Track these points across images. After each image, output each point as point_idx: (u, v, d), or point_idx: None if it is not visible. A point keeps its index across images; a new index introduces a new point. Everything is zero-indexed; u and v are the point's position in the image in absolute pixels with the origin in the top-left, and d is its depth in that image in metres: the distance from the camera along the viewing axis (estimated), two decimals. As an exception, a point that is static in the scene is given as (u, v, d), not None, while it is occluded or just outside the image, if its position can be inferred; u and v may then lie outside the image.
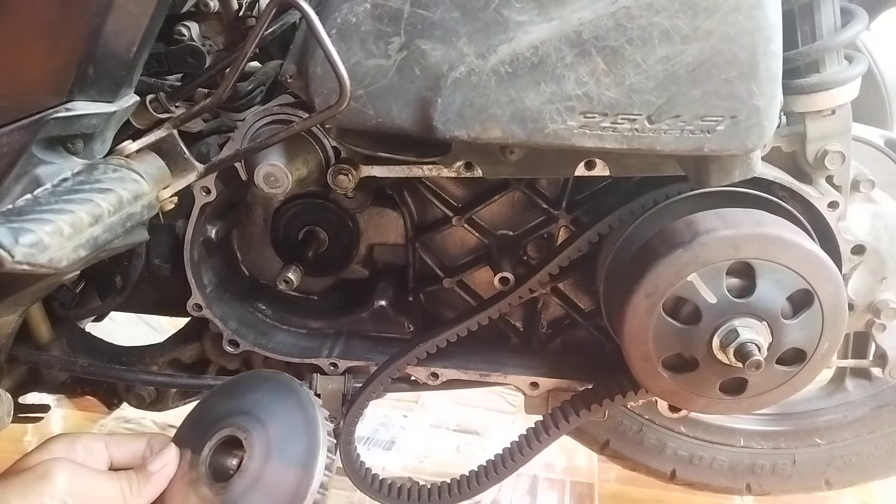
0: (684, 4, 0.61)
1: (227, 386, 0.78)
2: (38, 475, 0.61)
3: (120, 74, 0.63)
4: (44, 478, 0.61)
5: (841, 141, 0.80)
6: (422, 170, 0.78)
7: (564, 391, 0.92)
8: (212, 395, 0.78)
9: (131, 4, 0.60)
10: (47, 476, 0.61)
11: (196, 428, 0.73)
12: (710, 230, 0.73)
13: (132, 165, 0.64)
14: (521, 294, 0.88)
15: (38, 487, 0.60)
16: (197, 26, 0.89)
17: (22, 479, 0.60)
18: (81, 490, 0.62)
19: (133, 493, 0.66)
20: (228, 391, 0.77)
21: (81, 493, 0.62)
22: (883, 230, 0.87)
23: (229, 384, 0.78)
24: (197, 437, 0.72)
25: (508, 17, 0.63)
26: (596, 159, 0.75)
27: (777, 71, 0.64)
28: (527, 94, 0.64)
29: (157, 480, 0.68)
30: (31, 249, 0.50)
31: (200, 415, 0.76)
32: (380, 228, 0.97)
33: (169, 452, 0.70)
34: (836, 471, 1.09)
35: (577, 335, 0.98)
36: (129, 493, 0.66)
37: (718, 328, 0.74)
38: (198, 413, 0.76)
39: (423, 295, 0.98)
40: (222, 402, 0.75)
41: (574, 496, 1.38)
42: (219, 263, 0.93)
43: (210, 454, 0.70)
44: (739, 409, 0.82)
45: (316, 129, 0.78)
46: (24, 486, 0.60)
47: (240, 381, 0.78)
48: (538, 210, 0.93)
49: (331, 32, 0.63)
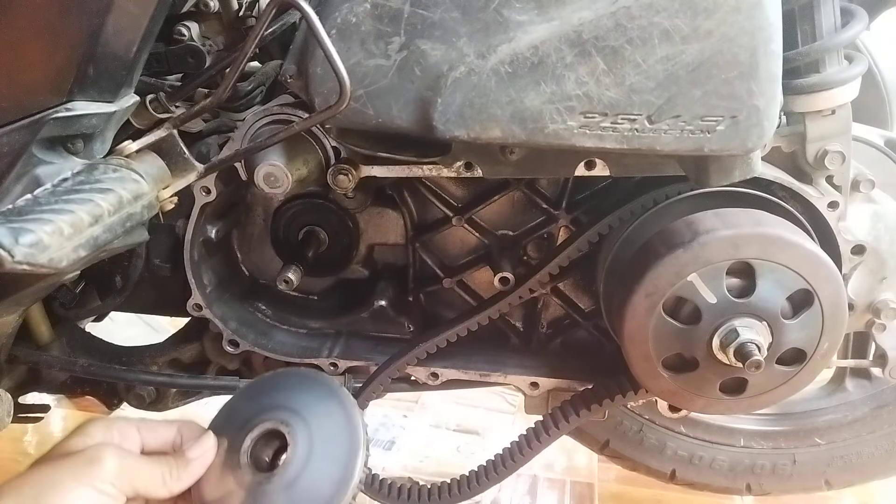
0: (684, 4, 0.61)
1: (265, 381, 0.79)
2: (88, 459, 0.63)
3: (120, 74, 0.63)
4: (95, 462, 0.62)
5: (841, 141, 0.80)
6: (422, 170, 0.78)
7: (564, 391, 0.92)
8: (248, 389, 0.79)
9: (131, 4, 0.60)
10: (99, 460, 0.63)
11: (233, 419, 0.74)
12: (710, 230, 0.73)
13: (132, 165, 0.64)
14: (521, 294, 0.88)
15: (90, 470, 0.62)
16: (197, 26, 0.89)
17: (74, 462, 0.63)
18: (128, 474, 0.64)
19: (173, 478, 0.68)
20: (267, 386, 0.78)
21: (128, 478, 0.64)
22: (883, 230, 0.87)
23: (267, 380, 0.79)
24: (234, 428, 0.73)
25: (508, 17, 0.63)
26: (596, 159, 0.76)
27: (777, 71, 0.64)
28: (527, 94, 0.64)
29: (195, 467, 0.70)
30: (31, 249, 0.50)
31: (237, 407, 0.77)
32: (380, 228, 0.97)
33: (208, 440, 0.72)
34: (836, 471, 1.09)
35: (577, 335, 0.98)
36: (169, 478, 0.68)
37: (718, 328, 0.74)
38: (234, 405, 0.77)
39: (423, 295, 0.98)
40: (261, 396, 0.76)
41: (574, 496, 1.38)
42: (219, 263, 0.93)
43: (252, 445, 0.71)
44: (739, 409, 0.82)
45: (316, 129, 0.78)
46: (77, 469, 0.62)
47: (278, 378, 0.79)
48: (538, 210, 0.93)
49: (331, 32, 0.63)
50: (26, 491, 0.59)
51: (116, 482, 0.63)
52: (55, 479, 0.61)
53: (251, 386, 0.79)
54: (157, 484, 0.67)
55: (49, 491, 0.60)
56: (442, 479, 0.91)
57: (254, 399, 0.76)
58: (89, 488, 0.61)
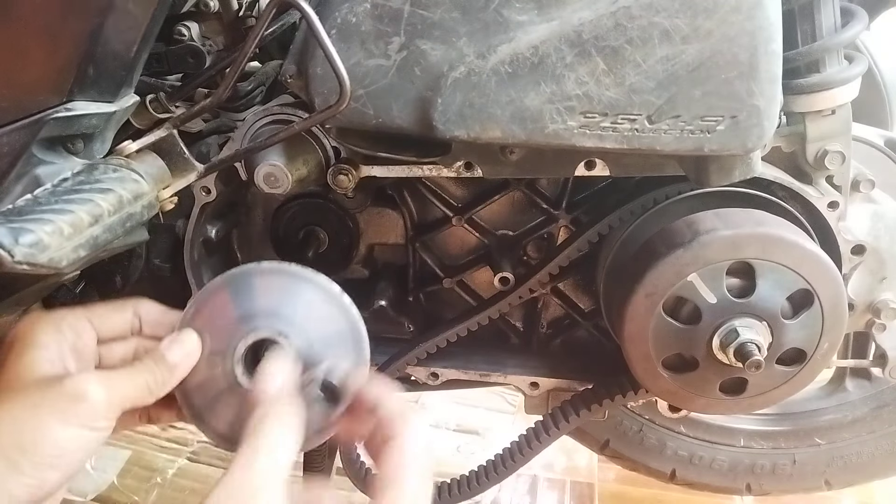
0: (684, 4, 0.61)
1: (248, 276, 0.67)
2: (73, 396, 0.54)
3: (120, 74, 0.63)
4: (80, 399, 0.54)
5: (841, 141, 0.80)
6: (422, 170, 0.78)
7: (564, 391, 0.92)
8: (229, 283, 0.67)
9: (131, 4, 0.60)
10: (84, 397, 0.54)
11: (213, 317, 0.65)
12: (710, 230, 0.73)
13: (132, 165, 0.64)
14: (521, 294, 0.88)
15: (77, 409, 0.54)
16: (197, 26, 0.89)
17: (54, 400, 0.54)
18: (116, 400, 0.56)
19: (157, 384, 0.59)
20: (252, 284, 0.67)
21: (117, 402, 0.55)
22: (883, 230, 0.87)
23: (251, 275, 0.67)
24: (216, 327, 0.65)
25: (508, 17, 0.63)
26: (596, 159, 0.76)
27: (777, 71, 0.64)
28: (527, 94, 0.64)
29: (179, 371, 0.61)
30: (31, 249, 0.50)
31: (215, 303, 0.66)
32: (380, 228, 0.97)
33: (189, 341, 0.63)
34: (836, 471, 1.09)
35: (577, 335, 0.98)
36: (155, 387, 0.59)
37: (718, 328, 0.74)
38: (211, 300, 0.66)
39: (423, 295, 0.98)
40: (246, 295, 0.66)
41: (574, 496, 1.39)
42: (219, 263, 0.93)
43: (244, 352, 0.63)
44: (739, 409, 0.82)
45: (316, 129, 0.78)
46: (61, 408, 0.53)
47: (265, 275, 0.67)
48: (538, 210, 0.93)
49: (331, 32, 0.64)
50: (3, 439, 0.51)
51: (108, 414, 0.55)
52: (37, 420, 0.53)
53: (232, 281, 0.67)
54: (144, 396, 0.59)
55: (33, 436, 0.52)
56: (442, 478, 0.91)
57: (238, 298, 0.66)
58: (80, 428, 0.53)
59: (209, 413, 0.64)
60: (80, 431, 0.53)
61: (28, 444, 0.51)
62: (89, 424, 0.54)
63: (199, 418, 0.64)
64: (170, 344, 0.62)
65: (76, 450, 0.53)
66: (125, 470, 1.42)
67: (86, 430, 0.54)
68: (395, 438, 0.55)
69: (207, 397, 0.64)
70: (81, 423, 0.53)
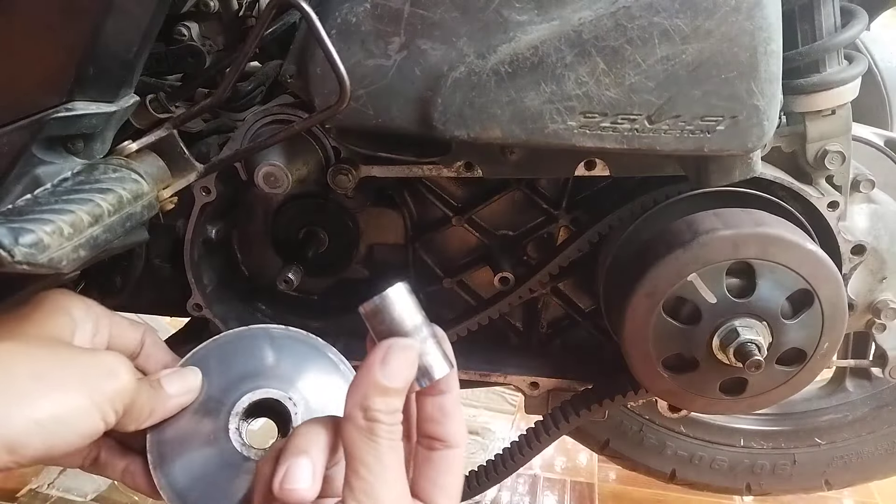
0: (684, 4, 0.61)
1: (259, 336, 0.67)
2: (106, 370, 0.52)
3: (120, 74, 0.63)
4: (112, 377, 0.52)
5: (841, 141, 0.80)
6: (422, 170, 0.78)
7: (564, 391, 0.92)
8: (239, 339, 0.66)
9: (131, 4, 0.60)
10: (117, 376, 0.52)
11: (216, 366, 0.63)
12: (710, 230, 0.73)
13: (132, 165, 0.64)
14: (521, 294, 0.88)
15: (104, 385, 0.51)
16: (197, 26, 0.89)
17: (86, 368, 0.52)
18: (130, 400, 0.54)
19: (146, 412, 0.57)
20: (261, 344, 0.66)
21: (128, 404, 0.54)
22: (883, 230, 0.87)
23: (262, 336, 0.67)
24: (217, 377, 0.62)
25: (508, 17, 0.63)
26: (596, 159, 0.75)
27: (777, 71, 0.64)
28: (527, 94, 0.64)
29: (172, 406, 0.59)
30: (31, 249, 0.50)
31: (222, 354, 0.65)
32: (380, 228, 0.97)
33: (193, 378, 0.60)
34: (836, 471, 1.09)
35: (577, 335, 0.98)
36: (143, 416, 0.56)
37: (718, 328, 0.74)
38: (219, 351, 0.65)
39: (423, 295, 0.98)
40: (254, 353, 0.65)
41: (574, 496, 1.39)
42: (219, 263, 0.93)
43: (243, 410, 0.61)
44: (739, 409, 0.83)
45: (316, 129, 0.78)
46: (89, 378, 0.51)
47: (276, 338, 0.67)
48: (538, 210, 0.93)
49: (331, 32, 0.63)
50: (17, 382, 0.48)
51: (123, 406, 0.53)
52: (60, 378, 0.50)
53: (241, 337, 0.67)
54: (136, 418, 0.56)
55: (48, 391, 0.49)
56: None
57: (240, 356, 0.64)
58: (94, 405, 0.51)
59: (174, 466, 0.59)
60: (92, 410, 0.51)
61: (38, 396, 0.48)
62: (104, 406, 0.51)
63: (163, 472, 0.59)
64: (171, 375, 0.60)
65: (73, 428, 0.50)
66: (125, 470, 1.42)
67: (97, 411, 0.51)
68: (458, 448, 0.53)
69: (182, 448, 0.59)
70: (98, 400, 0.51)
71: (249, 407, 0.61)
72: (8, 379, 0.48)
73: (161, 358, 0.65)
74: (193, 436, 0.60)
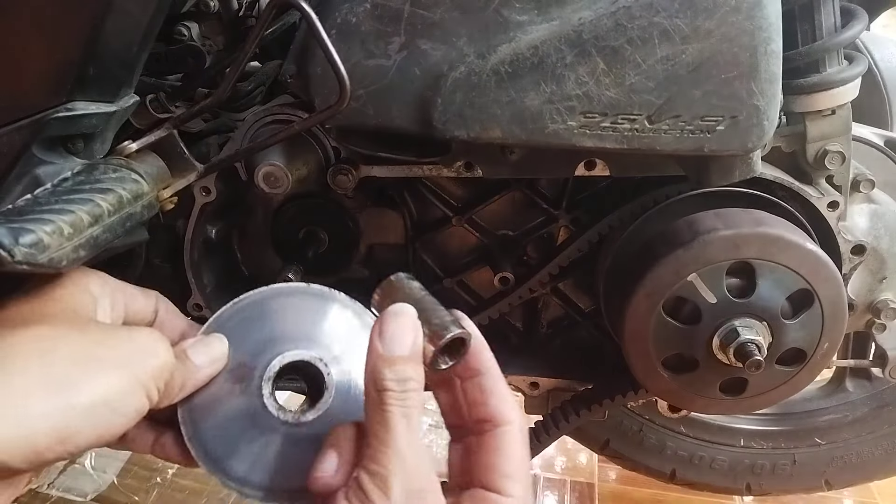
0: (684, 4, 0.61)
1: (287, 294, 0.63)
2: (143, 349, 0.51)
3: (120, 74, 0.63)
4: (151, 355, 0.51)
5: (841, 141, 0.80)
6: (422, 170, 0.78)
7: (564, 391, 0.92)
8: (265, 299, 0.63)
9: (131, 4, 0.60)
10: (154, 352, 0.51)
11: (242, 329, 0.61)
12: (710, 230, 0.73)
13: (132, 165, 0.64)
14: (521, 294, 0.88)
15: (144, 364, 0.50)
16: (197, 26, 0.89)
17: (122, 346, 0.50)
18: (169, 376, 0.52)
19: (176, 386, 0.54)
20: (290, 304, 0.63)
21: (165, 375, 0.52)
22: (883, 230, 0.87)
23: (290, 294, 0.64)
24: (244, 340, 0.60)
25: (508, 17, 0.63)
26: (596, 159, 0.75)
27: (777, 71, 0.64)
28: (527, 94, 0.64)
29: (201, 376, 0.56)
30: (31, 249, 0.50)
31: (247, 316, 0.62)
32: (380, 228, 0.97)
33: (219, 346, 0.58)
34: (836, 471, 1.09)
35: (577, 335, 0.98)
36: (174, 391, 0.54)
37: (718, 328, 0.74)
38: (243, 313, 0.62)
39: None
40: (282, 314, 0.62)
41: (574, 496, 1.39)
42: (219, 263, 0.93)
43: (277, 371, 0.58)
44: (739, 409, 0.83)
45: (316, 129, 0.78)
46: (127, 356, 0.49)
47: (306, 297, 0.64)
48: (538, 210, 0.93)
49: (331, 32, 0.63)
50: (58, 367, 0.46)
51: (164, 383, 0.51)
52: (99, 361, 0.48)
53: (257, 300, 0.63)
54: (172, 393, 0.54)
55: (91, 375, 0.47)
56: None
57: (265, 318, 0.62)
58: (139, 384, 0.49)
59: (209, 435, 0.58)
60: (137, 390, 0.49)
61: (83, 382, 0.46)
62: (146, 384, 0.49)
63: (200, 442, 0.58)
64: (196, 345, 0.57)
65: (121, 411, 0.48)
66: (125, 470, 1.42)
67: (141, 390, 0.49)
68: (511, 424, 0.51)
69: (215, 416, 0.58)
70: (144, 381, 0.49)
71: (280, 370, 0.58)
72: (48, 366, 0.46)
73: (177, 324, 0.63)
74: (226, 404, 0.58)
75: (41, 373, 0.45)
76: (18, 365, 0.45)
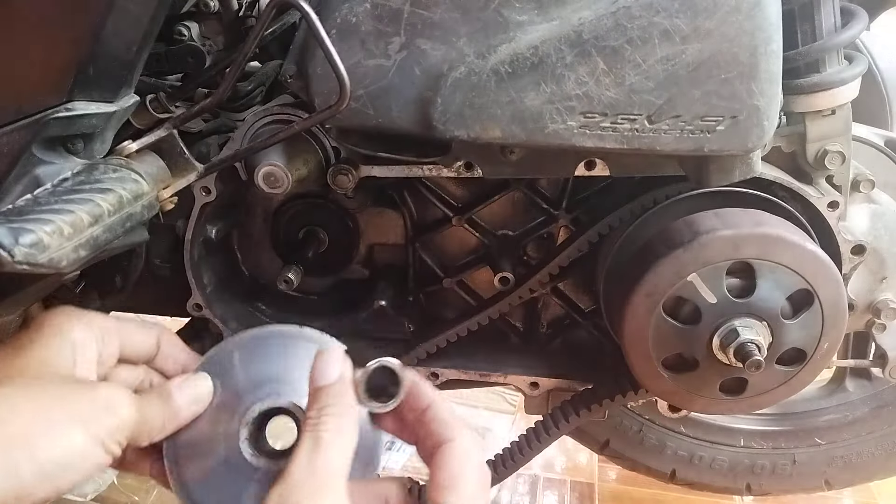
0: (684, 4, 0.61)
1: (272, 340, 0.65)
2: (104, 405, 0.51)
3: (120, 74, 0.63)
4: (111, 412, 0.51)
5: (841, 141, 0.80)
6: (422, 170, 0.78)
7: (564, 391, 0.92)
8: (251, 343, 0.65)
9: (131, 4, 0.60)
10: (115, 410, 0.51)
11: (227, 373, 0.62)
12: (710, 230, 0.73)
13: (132, 165, 0.64)
14: (521, 294, 0.88)
15: (103, 421, 0.50)
16: (197, 26, 0.89)
17: (81, 404, 0.51)
18: (135, 426, 0.53)
19: (157, 427, 0.56)
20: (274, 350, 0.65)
21: (133, 429, 0.53)
22: (883, 230, 0.87)
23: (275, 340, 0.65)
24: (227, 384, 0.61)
25: (508, 17, 0.63)
26: (596, 159, 0.75)
27: (777, 71, 0.64)
28: (527, 94, 0.64)
29: (182, 417, 0.57)
30: (31, 249, 0.50)
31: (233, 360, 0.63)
32: (380, 228, 0.97)
33: (203, 386, 0.59)
34: (836, 471, 1.09)
35: (577, 335, 0.98)
36: (157, 428, 0.55)
37: (718, 328, 0.74)
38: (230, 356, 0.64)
39: (423, 295, 0.98)
40: (266, 359, 0.64)
41: (574, 496, 1.39)
42: (219, 263, 0.93)
43: (254, 418, 0.59)
44: (739, 409, 0.83)
45: (316, 129, 0.78)
46: (89, 417, 0.50)
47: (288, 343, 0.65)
48: (538, 210, 0.93)
49: (331, 32, 0.63)
50: (15, 430, 0.47)
51: (124, 437, 0.52)
52: (58, 421, 0.49)
53: (254, 341, 0.65)
54: (147, 435, 0.55)
55: (47, 436, 0.48)
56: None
57: (257, 359, 0.63)
58: (96, 442, 0.50)
59: (189, 471, 0.59)
60: (95, 448, 0.50)
61: (39, 443, 0.47)
62: (105, 441, 0.51)
63: (180, 480, 0.59)
64: (181, 384, 0.58)
65: (78, 468, 0.49)
66: (125, 470, 1.42)
67: (101, 448, 0.50)
68: (451, 441, 0.54)
69: (197, 454, 0.59)
70: (98, 436, 0.50)
71: (259, 416, 0.60)
72: (7, 425, 0.47)
73: (179, 358, 0.64)
74: (207, 442, 0.59)
75: (1, 436, 0.47)
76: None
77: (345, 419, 0.52)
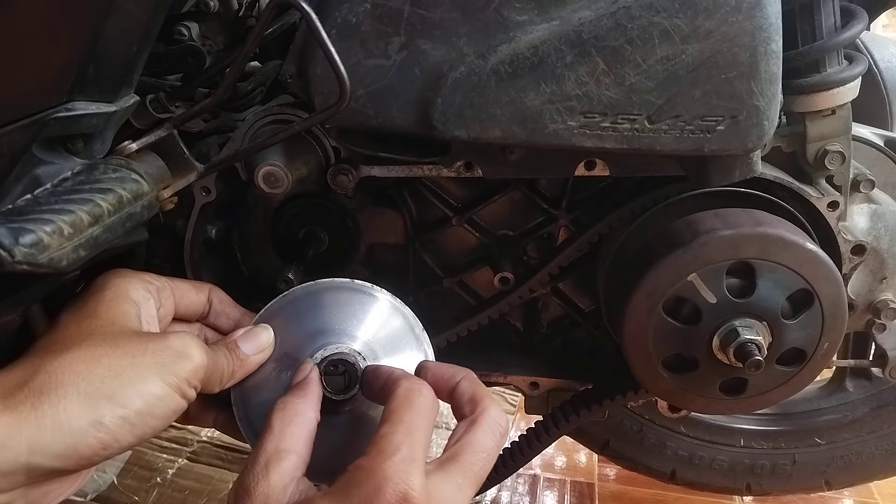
0: (684, 4, 0.61)
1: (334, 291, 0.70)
2: (176, 353, 0.54)
3: (120, 74, 0.63)
4: (184, 358, 0.54)
5: (841, 141, 0.80)
6: (422, 170, 0.78)
7: (564, 391, 0.92)
8: (312, 294, 0.69)
9: (131, 4, 0.60)
10: (188, 356, 0.54)
11: (289, 322, 0.67)
12: (710, 230, 0.73)
13: (132, 165, 0.64)
14: (521, 294, 0.88)
15: (177, 367, 0.54)
16: (197, 26, 0.89)
17: (157, 354, 0.54)
18: (207, 372, 0.56)
19: (226, 375, 0.59)
20: (336, 301, 0.69)
21: (206, 375, 0.56)
22: (883, 230, 0.87)
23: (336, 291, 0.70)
24: (290, 333, 0.66)
25: (508, 17, 0.63)
26: (596, 159, 0.75)
27: (777, 71, 0.64)
28: (527, 94, 0.64)
29: (249, 365, 0.62)
30: (31, 249, 0.50)
31: (294, 310, 0.68)
32: (380, 228, 0.97)
33: (265, 336, 0.63)
34: (836, 471, 1.09)
35: (577, 335, 0.98)
36: (226, 376, 0.59)
37: (718, 328, 0.74)
38: (291, 306, 0.68)
39: (423, 295, 0.98)
40: (327, 309, 0.68)
41: (574, 496, 1.39)
42: (219, 263, 0.93)
43: (318, 363, 0.64)
44: (739, 409, 0.83)
45: (316, 129, 0.78)
46: (162, 362, 0.53)
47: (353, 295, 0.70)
48: (538, 210, 0.93)
49: (331, 32, 0.64)
50: (96, 384, 0.50)
51: (198, 381, 0.55)
52: (135, 371, 0.52)
53: (307, 294, 0.69)
54: (217, 382, 0.58)
55: (127, 386, 0.51)
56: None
57: (312, 311, 0.67)
58: (170, 387, 0.53)
59: (259, 418, 0.62)
60: (173, 394, 0.53)
61: (120, 393, 0.51)
62: (181, 386, 0.54)
63: (249, 422, 0.64)
64: (244, 335, 0.62)
65: (158, 415, 0.53)
66: (125, 470, 1.42)
67: (178, 393, 0.53)
68: (469, 417, 0.58)
69: (264, 402, 0.62)
70: (173, 382, 0.53)
71: (322, 361, 0.64)
72: (92, 381, 0.51)
73: (232, 313, 0.68)
74: (272, 389, 0.63)
75: (85, 392, 0.50)
76: (62, 390, 0.50)
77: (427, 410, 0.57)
